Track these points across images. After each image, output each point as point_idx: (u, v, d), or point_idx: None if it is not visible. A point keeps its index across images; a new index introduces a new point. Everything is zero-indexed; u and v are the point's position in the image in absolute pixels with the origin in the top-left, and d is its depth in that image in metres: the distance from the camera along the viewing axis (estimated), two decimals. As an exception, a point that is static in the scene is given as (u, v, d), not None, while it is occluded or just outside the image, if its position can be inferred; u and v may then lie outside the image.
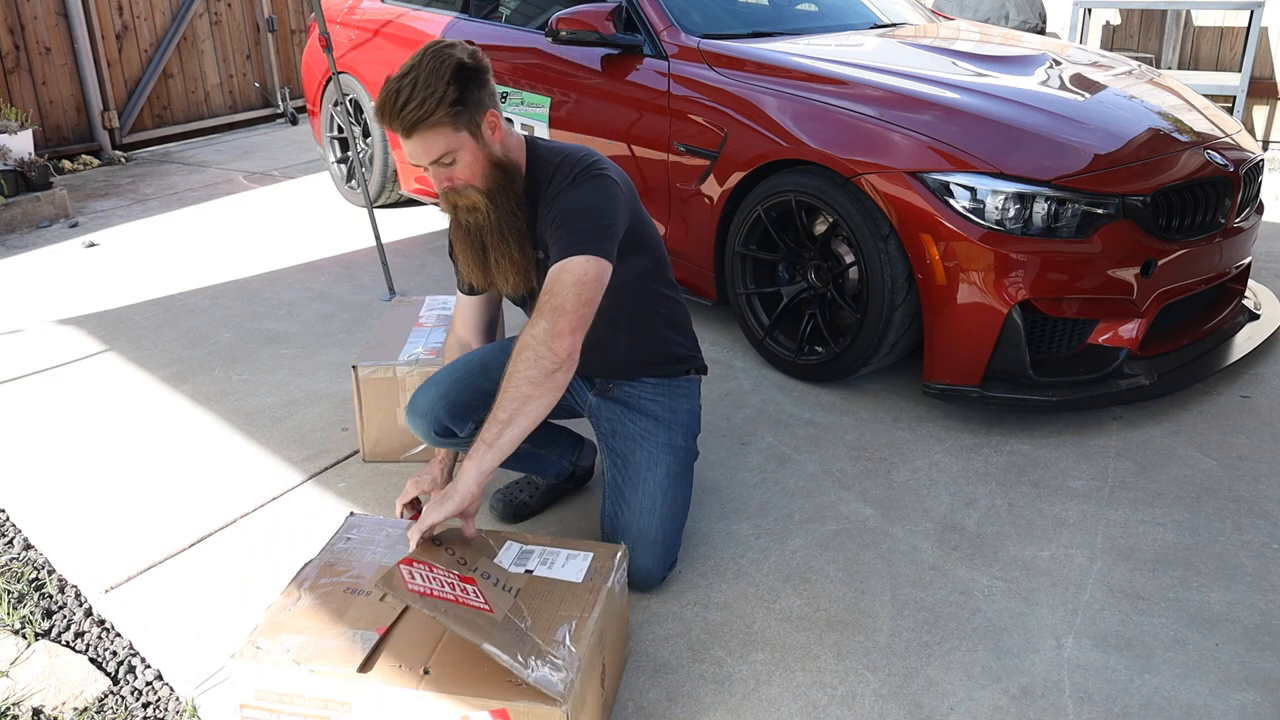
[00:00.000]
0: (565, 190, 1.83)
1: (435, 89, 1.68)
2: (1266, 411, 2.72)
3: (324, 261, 4.21)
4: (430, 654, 1.51)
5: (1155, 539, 2.17)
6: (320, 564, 1.73)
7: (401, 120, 1.70)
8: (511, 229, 1.84)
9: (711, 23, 3.35)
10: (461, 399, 1.97)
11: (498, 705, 1.43)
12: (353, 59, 4.59)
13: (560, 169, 1.87)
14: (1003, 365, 2.55)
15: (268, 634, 1.55)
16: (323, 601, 1.62)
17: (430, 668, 1.48)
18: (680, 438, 2.07)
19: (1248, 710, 1.69)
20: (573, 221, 1.78)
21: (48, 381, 3.11)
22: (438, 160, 1.75)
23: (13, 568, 2.18)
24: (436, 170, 1.77)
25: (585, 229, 1.77)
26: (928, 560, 2.11)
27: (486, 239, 1.86)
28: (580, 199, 1.81)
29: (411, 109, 1.68)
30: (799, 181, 2.77)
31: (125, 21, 6.41)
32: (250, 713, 1.52)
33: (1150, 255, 2.57)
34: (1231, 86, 5.48)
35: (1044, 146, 2.56)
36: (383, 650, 1.52)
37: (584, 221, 1.78)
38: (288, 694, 1.49)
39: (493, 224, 1.83)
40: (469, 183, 1.79)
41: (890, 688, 1.76)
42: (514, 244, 1.86)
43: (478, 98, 1.76)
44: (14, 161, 4.92)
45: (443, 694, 1.44)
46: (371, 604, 1.62)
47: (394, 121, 1.71)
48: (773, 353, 3.01)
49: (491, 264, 1.89)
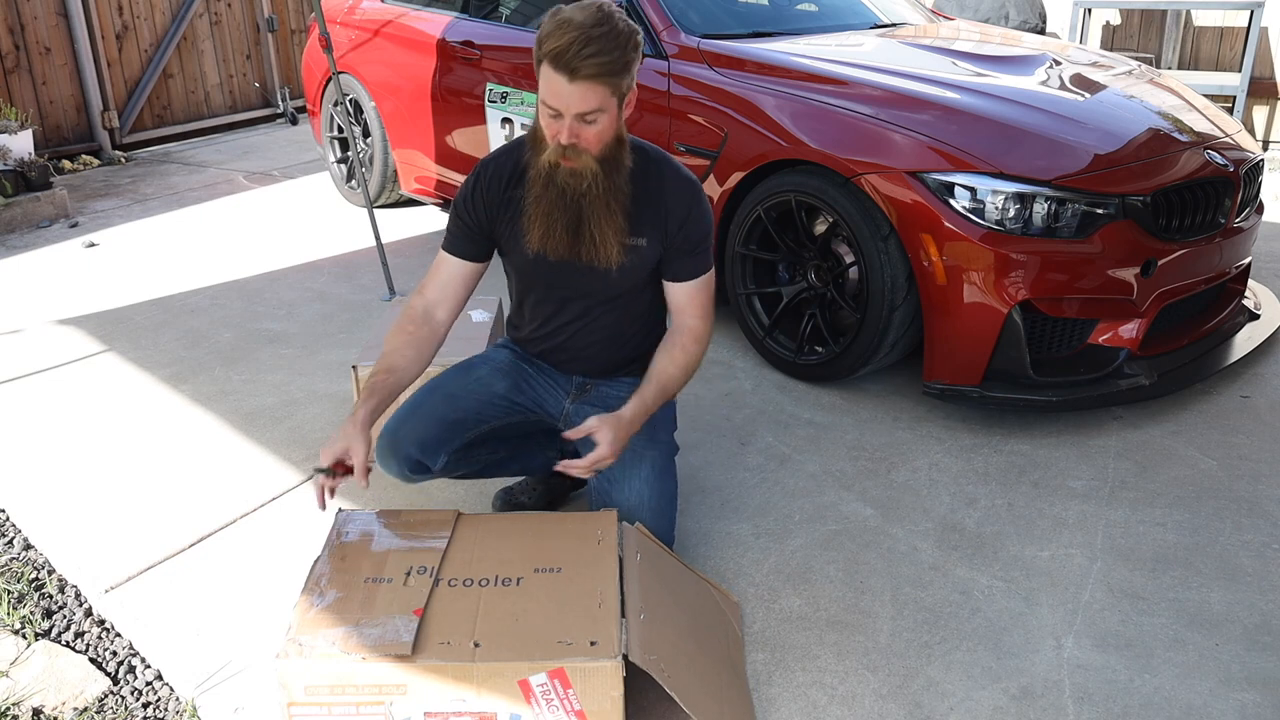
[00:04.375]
0: (700, 203, 1.95)
1: (623, 50, 1.70)
2: (1266, 411, 2.72)
3: (324, 261, 4.21)
4: (474, 627, 1.55)
5: (1155, 539, 2.17)
6: (330, 560, 1.73)
7: (582, 65, 1.67)
8: (618, 202, 1.85)
9: (711, 23, 3.35)
10: (432, 434, 1.94)
11: (554, 665, 1.47)
12: (353, 59, 4.59)
13: (668, 165, 1.95)
14: (1003, 365, 2.55)
15: (305, 630, 1.55)
16: (347, 594, 1.63)
17: (479, 640, 1.52)
18: (663, 432, 2.06)
19: (1248, 710, 1.69)
20: (707, 242, 1.98)
21: (48, 381, 3.11)
22: (584, 114, 1.73)
23: (13, 568, 2.18)
24: (574, 123, 1.74)
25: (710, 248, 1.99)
26: (928, 560, 2.11)
27: (587, 207, 1.84)
28: (710, 213, 1.99)
29: (601, 60, 1.67)
30: (799, 181, 2.77)
31: (125, 21, 6.41)
32: (300, 709, 1.52)
33: (1150, 255, 2.57)
34: (1231, 86, 5.48)
35: (1044, 146, 2.56)
36: (426, 630, 1.54)
37: (710, 242, 1.99)
38: (339, 685, 1.50)
39: (599, 193, 1.83)
40: (590, 148, 1.78)
41: (890, 688, 1.76)
42: (619, 214, 1.86)
43: (634, 69, 1.78)
44: (14, 161, 4.92)
45: (499, 662, 1.48)
46: (396, 589, 1.64)
47: (573, 63, 1.67)
48: (773, 353, 3.01)
49: (588, 232, 1.86)
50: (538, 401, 2.10)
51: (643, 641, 1.54)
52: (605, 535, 1.78)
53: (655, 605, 1.66)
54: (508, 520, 1.88)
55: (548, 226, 1.87)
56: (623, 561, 1.73)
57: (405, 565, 1.70)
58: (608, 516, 1.84)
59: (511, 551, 1.74)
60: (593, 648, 1.50)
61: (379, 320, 3.05)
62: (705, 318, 1.98)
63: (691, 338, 1.95)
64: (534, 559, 1.72)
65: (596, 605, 1.59)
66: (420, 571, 1.68)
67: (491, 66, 3.80)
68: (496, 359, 2.12)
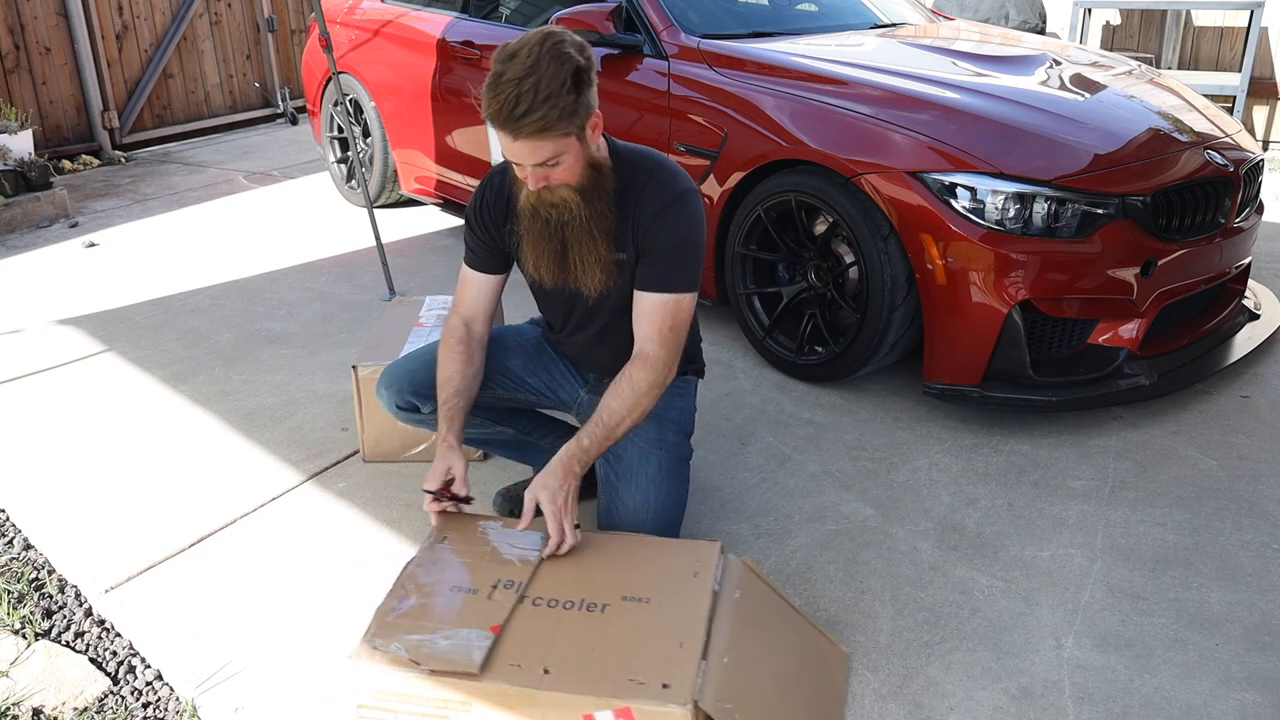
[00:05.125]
0: (674, 211, 1.85)
1: (558, 98, 1.63)
2: (1266, 411, 2.72)
3: (324, 261, 4.21)
4: (548, 652, 1.50)
5: (1155, 539, 2.17)
6: (420, 564, 1.72)
7: (518, 128, 1.64)
8: (601, 229, 1.83)
9: (711, 23, 3.35)
10: (429, 379, 1.98)
11: (621, 704, 1.41)
12: (353, 59, 4.59)
13: (654, 179, 1.87)
14: (1003, 365, 2.55)
15: (382, 635, 1.54)
16: (429, 601, 1.61)
17: (550, 667, 1.47)
18: (672, 433, 2.05)
19: (1248, 710, 1.69)
20: (685, 254, 1.87)
21: (48, 381, 3.11)
22: (542, 163, 1.71)
23: (13, 568, 2.18)
24: (537, 171, 1.73)
25: (694, 263, 1.88)
26: (928, 560, 2.11)
27: (570, 236, 1.84)
28: (693, 229, 1.87)
29: (535, 120, 1.63)
30: (799, 181, 2.77)
31: (125, 21, 6.41)
32: (367, 712, 1.51)
33: (1150, 255, 2.57)
34: (1231, 86, 5.48)
35: (1044, 146, 2.56)
36: (500, 649, 1.51)
37: (693, 255, 1.88)
38: (407, 694, 1.48)
39: (581, 222, 1.81)
40: (564, 182, 1.77)
41: (890, 688, 1.76)
42: (602, 243, 1.84)
43: (587, 100, 1.71)
44: (14, 161, 4.92)
45: (565, 693, 1.43)
46: (480, 601, 1.61)
47: (508, 127, 1.65)
48: (773, 353, 3.01)
49: (573, 261, 1.87)
50: (551, 387, 2.14)
51: (719, 688, 1.46)
52: (702, 570, 1.68)
53: (743, 649, 1.57)
54: (608, 540, 1.81)
55: (538, 256, 1.89)
56: (717, 598, 1.64)
57: (494, 577, 1.66)
58: (710, 548, 1.74)
59: (603, 574, 1.68)
60: (664, 691, 1.42)
61: (379, 320, 3.05)
62: (662, 343, 1.84)
63: (641, 366, 1.83)
64: (624, 586, 1.64)
65: (677, 646, 1.51)
66: (507, 586, 1.64)
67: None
68: (524, 336, 2.16)
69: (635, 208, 1.86)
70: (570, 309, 2.03)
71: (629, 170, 1.88)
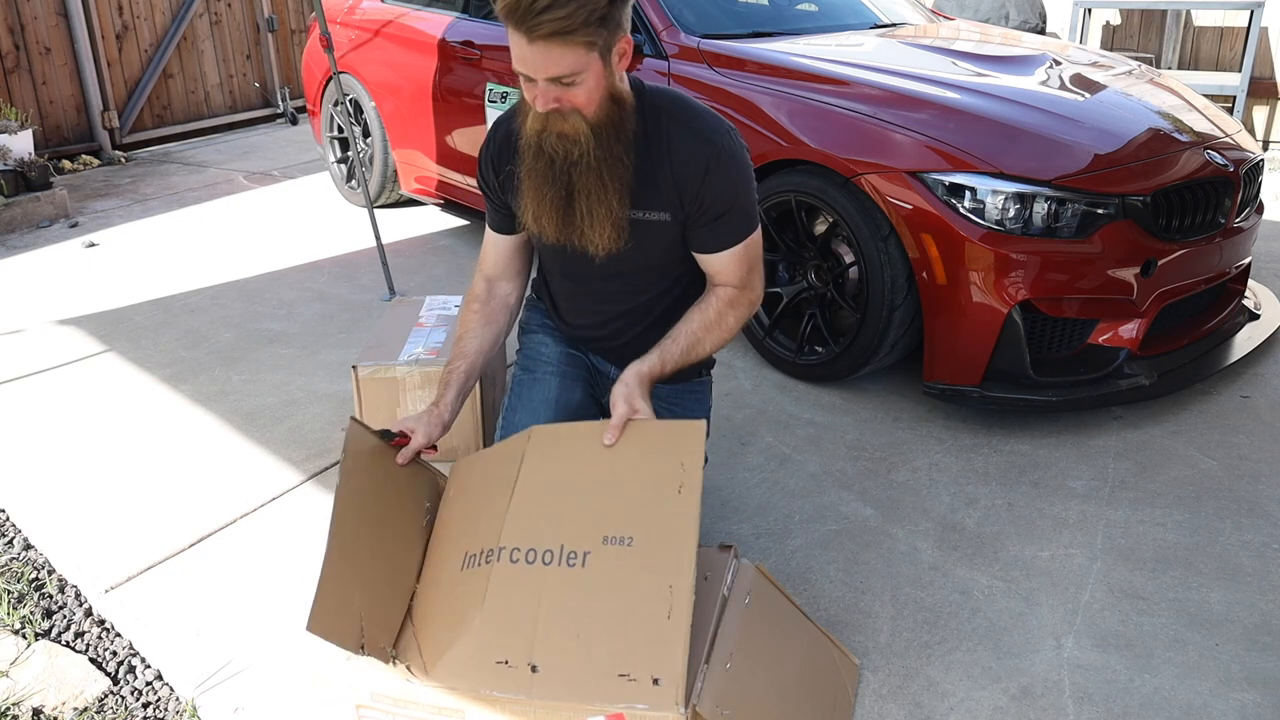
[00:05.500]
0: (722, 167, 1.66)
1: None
2: (1266, 411, 2.72)
3: (324, 261, 4.21)
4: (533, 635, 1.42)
5: (1155, 539, 2.17)
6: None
7: (535, 24, 1.42)
8: (614, 175, 1.60)
9: (711, 23, 3.35)
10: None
11: (613, 709, 1.36)
12: (353, 59, 4.59)
13: (685, 125, 1.66)
14: (1003, 365, 2.55)
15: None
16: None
17: (537, 662, 1.40)
18: None
19: (1248, 710, 1.69)
20: (744, 201, 1.71)
21: (48, 381, 3.11)
22: (557, 78, 1.49)
23: (13, 568, 2.18)
24: (549, 87, 1.51)
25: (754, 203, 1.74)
26: (928, 560, 2.11)
27: (578, 179, 1.60)
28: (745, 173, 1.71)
29: (556, 17, 1.41)
30: (799, 181, 2.77)
31: (125, 21, 6.41)
32: (366, 712, 1.51)
33: (1150, 255, 2.57)
34: (1231, 86, 5.48)
35: (1044, 146, 2.56)
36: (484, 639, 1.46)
37: (751, 197, 1.73)
38: (403, 699, 1.48)
39: (591, 164, 1.58)
40: (578, 109, 1.54)
41: (890, 688, 1.76)
42: (614, 193, 1.61)
43: (620, 16, 1.50)
44: (14, 161, 4.92)
45: (556, 701, 1.38)
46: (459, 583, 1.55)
47: (525, 22, 1.43)
48: (773, 353, 3.01)
49: (579, 211, 1.63)
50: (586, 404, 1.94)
51: (719, 693, 1.41)
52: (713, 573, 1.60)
53: (749, 654, 1.52)
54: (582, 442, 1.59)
55: (539, 202, 1.66)
56: (726, 602, 1.58)
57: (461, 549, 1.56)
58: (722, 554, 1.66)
59: (579, 508, 1.52)
60: (656, 687, 1.35)
61: (379, 320, 3.05)
62: (744, 285, 1.74)
63: (730, 305, 1.72)
64: (603, 523, 1.49)
65: (665, 616, 1.40)
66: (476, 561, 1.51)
67: (491, 66, 3.80)
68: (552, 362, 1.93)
69: (669, 163, 1.66)
70: (582, 278, 1.81)
71: (654, 113, 1.66)
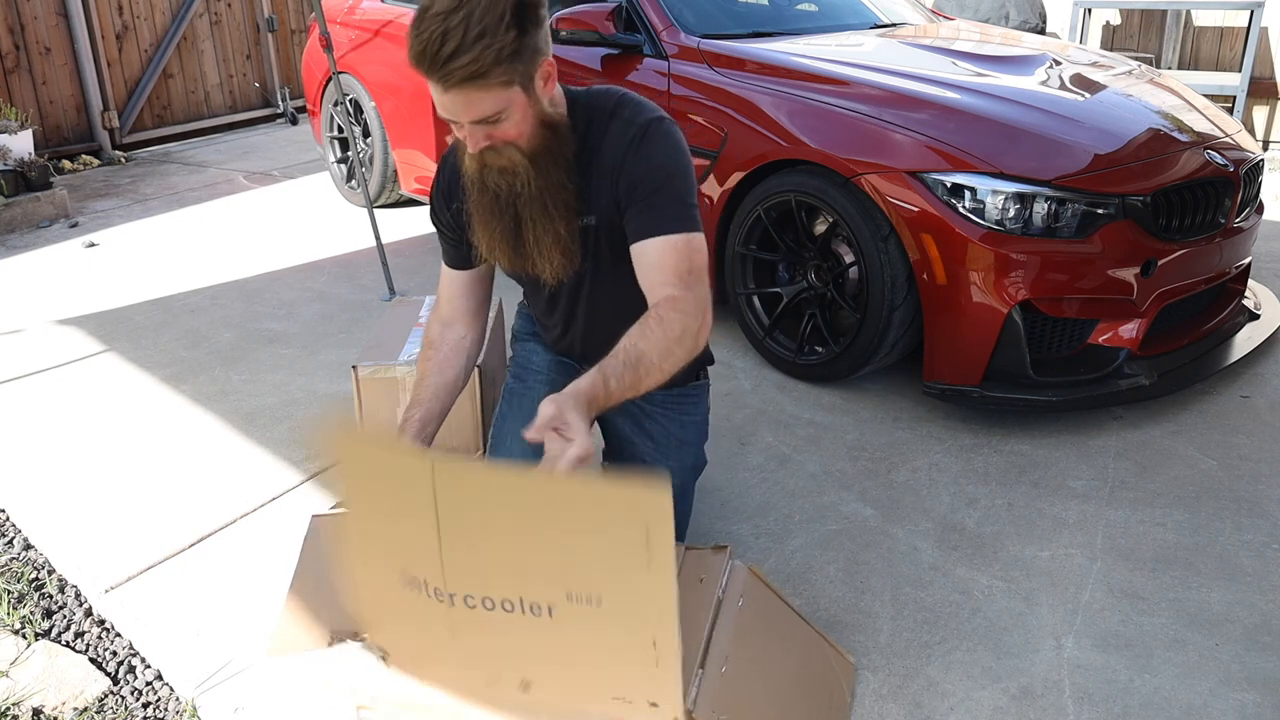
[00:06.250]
0: (647, 142, 1.55)
1: (493, 37, 1.34)
2: (1266, 411, 2.72)
3: (324, 261, 4.21)
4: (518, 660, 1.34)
5: (1155, 539, 2.17)
6: None
7: (446, 74, 1.36)
8: (557, 201, 1.55)
9: (711, 23, 3.35)
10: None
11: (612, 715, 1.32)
12: (353, 59, 4.59)
13: (616, 116, 1.58)
14: (1003, 365, 2.55)
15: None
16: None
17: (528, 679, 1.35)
18: (691, 456, 1.95)
19: (1248, 710, 1.69)
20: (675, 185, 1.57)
21: (48, 381, 3.11)
22: (481, 120, 1.45)
23: (13, 568, 2.18)
24: (475, 128, 1.46)
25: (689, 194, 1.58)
26: (928, 560, 2.11)
27: (523, 210, 1.56)
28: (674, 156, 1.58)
29: (464, 64, 1.35)
30: (799, 181, 2.77)
31: (125, 21, 6.41)
32: (367, 713, 1.50)
33: (1150, 255, 2.57)
34: (1231, 86, 5.48)
35: (1044, 146, 2.56)
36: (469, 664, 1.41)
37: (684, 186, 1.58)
38: (404, 703, 1.46)
39: (533, 193, 1.54)
40: (511, 141, 1.50)
41: (890, 688, 1.76)
42: (560, 219, 1.56)
43: (535, 43, 1.42)
44: (14, 161, 4.92)
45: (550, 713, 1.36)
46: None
47: (435, 72, 1.37)
48: (773, 353, 3.01)
49: (529, 241, 1.59)
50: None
51: (715, 698, 1.39)
52: (708, 575, 1.57)
53: (744, 658, 1.49)
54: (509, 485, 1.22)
55: (494, 238, 1.62)
56: (720, 605, 1.55)
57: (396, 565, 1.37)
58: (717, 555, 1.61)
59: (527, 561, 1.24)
60: (654, 709, 1.30)
61: (379, 320, 3.05)
62: (686, 285, 1.52)
63: (670, 305, 1.49)
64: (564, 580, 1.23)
65: (654, 664, 1.25)
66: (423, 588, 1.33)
67: None
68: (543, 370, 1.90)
69: (600, 157, 1.58)
70: (554, 299, 1.79)
71: (588, 119, 1.60)
